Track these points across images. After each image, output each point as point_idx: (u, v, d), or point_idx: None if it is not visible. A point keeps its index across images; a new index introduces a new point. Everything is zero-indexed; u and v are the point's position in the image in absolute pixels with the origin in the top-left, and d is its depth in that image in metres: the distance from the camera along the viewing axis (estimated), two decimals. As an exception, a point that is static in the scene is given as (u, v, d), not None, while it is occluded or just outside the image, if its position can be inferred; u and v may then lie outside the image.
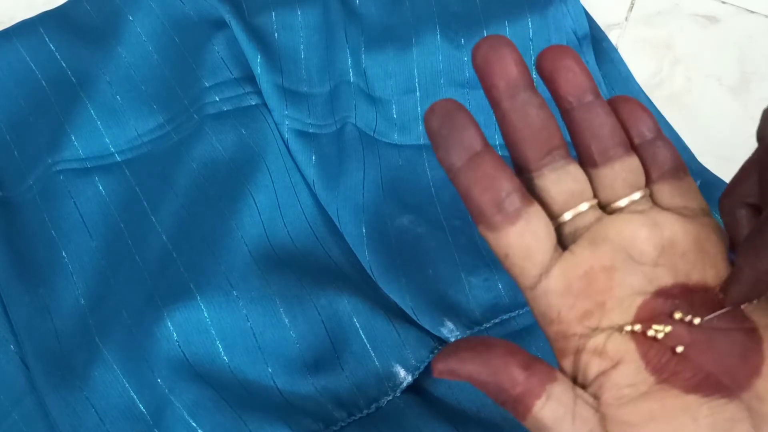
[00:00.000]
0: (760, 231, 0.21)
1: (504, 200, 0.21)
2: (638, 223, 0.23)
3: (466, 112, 0.22)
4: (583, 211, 0.23)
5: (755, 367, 0.22)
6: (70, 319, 0.40)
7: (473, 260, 0.42)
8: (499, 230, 0.22)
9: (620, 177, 0.23)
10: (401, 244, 0.42)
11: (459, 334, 0.39)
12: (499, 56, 0.22)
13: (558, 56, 0.23)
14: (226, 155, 0.44)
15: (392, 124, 0.47)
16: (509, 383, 0.21)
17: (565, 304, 0.22)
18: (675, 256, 0.23)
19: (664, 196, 0.24)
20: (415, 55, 0.47)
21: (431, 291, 0.40)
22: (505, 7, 0.49)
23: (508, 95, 0.22)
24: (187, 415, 0.36)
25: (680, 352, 0.22)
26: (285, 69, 0.47)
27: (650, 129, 0.24)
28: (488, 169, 0.22)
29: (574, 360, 0.22)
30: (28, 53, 0.48)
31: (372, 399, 0.38)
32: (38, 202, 0.44)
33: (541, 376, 0.21)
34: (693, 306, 0.23)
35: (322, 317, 0.39)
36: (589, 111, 0.23)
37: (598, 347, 0.22)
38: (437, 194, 0.45)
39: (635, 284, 0.23)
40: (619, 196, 0.23)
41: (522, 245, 0.22)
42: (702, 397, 0.21)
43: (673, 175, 0.24)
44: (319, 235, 0.43)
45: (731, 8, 0.52)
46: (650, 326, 0.22)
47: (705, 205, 0.24)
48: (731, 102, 0.50)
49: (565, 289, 0.22)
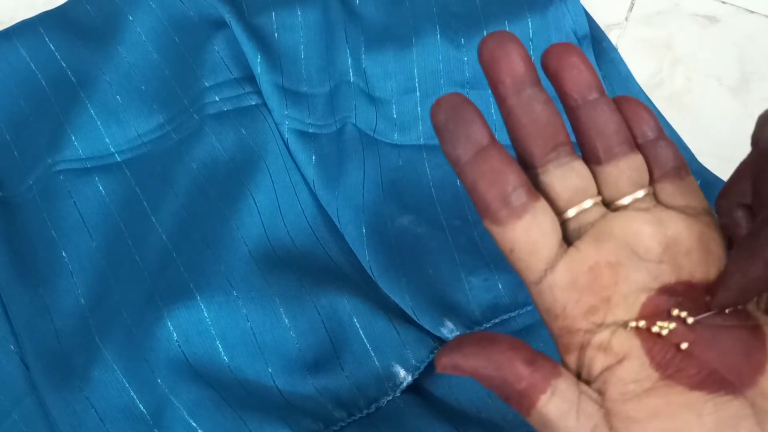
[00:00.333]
0: (752, 236, 0.21)
1: (510, 194, 0.22)
2: (642, 220, 0.23)
3: (472, 106, 0.22)
4: (588, 208, 0.23)
5: (759, 364, 0.22)
6: (70, 319, 0.40)
7: (473, 260, 0.42)
8: (505, 225, 0.22)
9: (625, 174, 0.23)
10: (401, 244, 0.42)
11: (459, 334, 0.39)
12: (506, 52, 0.22)
13: (563, 54, 0.23)
14: (226, 155, 0.44)
15: (392, 124, 0.47)
16: (514, 378, 0.21)
17: (570, 299, 0.22)
18: (679, 253, 0.23)
19: (666, 195, 0.24)
20: (415, 55, 0.47)
21: (431, 291, 0.40)
22: (504, 7, 0.49)
23: (513, 91, 0.22)
24: (187, 415, 0.36)
25: (684, 348, 0.22)
26: (285, 69, 0.47)
27: (652, 129, 0.24)
28: (495, 163, 0.22)
29: (579, 356, 0.22)
30: (28, 53, 0.48)
31: (372, 399, 0.38)
32: (38, 202, 0.44)
33: (545, 372, 0.21)
34: (696, 303, 0.23)
35: (322, 317, 0.39)
36: (594, 108, 0.23)
37: (603, 343, 0.22)
38: (437, 194, 0.45)
39: (640, 280, 0.23)
40: (623, 194, 0.23)
41: (528, 240, 0.22)
42: (706, 393, 0.21)
43: (675, 175, 0.24)
44: (319, 235, 0.43)
45: (731, 8, 0.52)
46: (655, 322, 0.22)
47: (707, 205, 0.24)
48: (731, 102, 0.50)
49: (570, 284, 0.22)
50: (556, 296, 0.22)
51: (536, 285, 0.22)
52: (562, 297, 0.22)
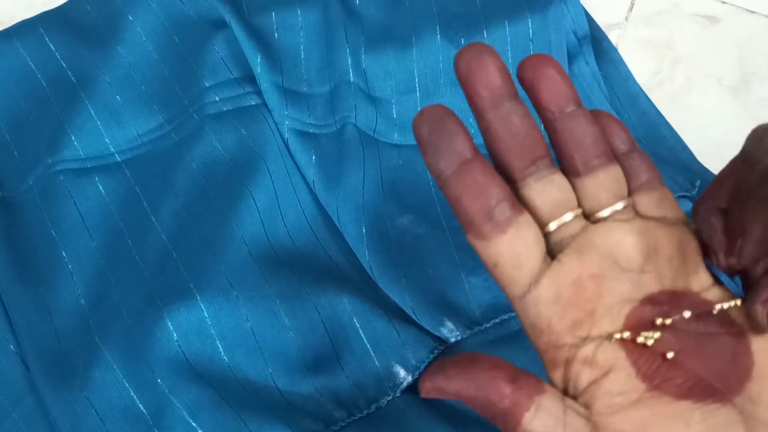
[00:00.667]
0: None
1: (494, 208, 0.21)
2: (623, 231, 0.23)
3: (455, 118, 0.22)
4: (569, 221, 0.23)
5: (746, 370, 0.21)
6: (70, 319, 0.40)
7: (473, 260, 0.42)
8: (489, 239, 0.21)
9: (604, 186, 0.23)
10: (401, 244, 0.42)
11: (459, 334, 0.39)
12: (482, 64, 0.22)
13: (539, 65, 0.22)
14: (226, 155, 0.44)
15: (392, 124, 0.47)
16: (496, 397, 0.21)
17: (555, 313, 0.22)
18: (660, 262, 0.23)
19: (643, 206, 0.24)
20: (415, 55, 0.47)
21: (431, 291, 0.40)
22: (505, 7, 0.49)
23: (491, 105, 0.22)
24: (187, 415, 0.36)
25: (670, 358, 0.22)
26: (285, 69, 0.47)
27: (624, 141, 0.24)
28: (478, 177, 0.21)
29: (565, 371, 0.22)
30: (28, 53, 0.48)
31: (372, 399, 0.38)
32: (38, 202, 0.44)
33: (528, 389, 0.21)
34: (680, 312, 0.23)
35: (322, 317, 0.39)
36: (571, 121, 0.23)
37: (588, 356, 0.22)
38: (437, 194, 0.45)
39: (624, 292, 0.23)
40: (603, 206, 0.23)
41: (512, 254, 0.22)
42: (694, 402, 0.21)
43: (650, 186, 0.24)
44: (319, 235, 0.43)
45: (731, 8, 0.52)
46: (639, 333, 0.22)
47: (683, 214, 0.24)
48: (731, 102, 0.50)
49: (555, 297, 0.22)
50: (541, 311, 0.22)
51: (520, 300, 0.22)
52: (547, 312, 0.22)
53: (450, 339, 0.39)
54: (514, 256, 0.22)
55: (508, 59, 0.47)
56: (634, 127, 0.48)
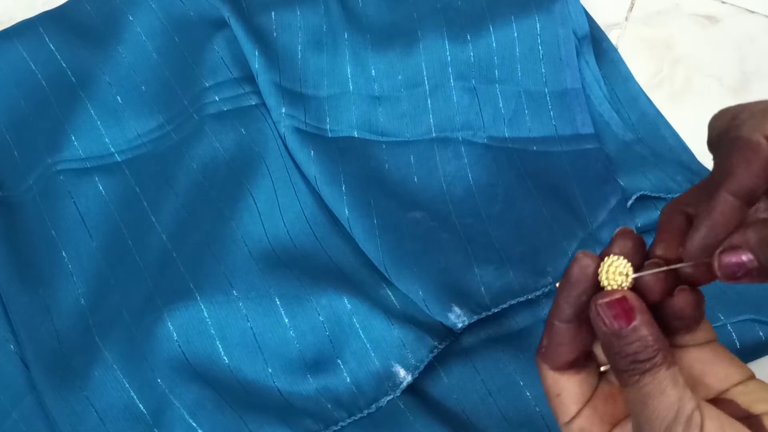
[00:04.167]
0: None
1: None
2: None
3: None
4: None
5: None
6: (70, 319, 0.40)
7: (486, 253, 0.41)
8: (563, 372, 0.25)
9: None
10: (414, 234, 0.42)
11: (465, 319, 0.39)
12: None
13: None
14: (226, 155, 0.44)
15: (402, 120, 0.47)
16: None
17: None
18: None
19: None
20: (421, 49, 0.47)
21: (442, 279, 0.40)
22: (510, 2, 0.49)
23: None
24: (187, 415, 0.36)
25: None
26: (282, 68, 0.47)
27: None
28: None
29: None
30: (28, 53, 0.48)
31: (372, 399, 0.38)
32: (38, 202, 0.44)
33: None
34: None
35: (322, 317, 0.39)
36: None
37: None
38: (449, 190, 0.45)
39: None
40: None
41: (580, 392, 0.25)
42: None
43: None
44: (319, 235, 0.43)
45: (731, 8, 0.52)
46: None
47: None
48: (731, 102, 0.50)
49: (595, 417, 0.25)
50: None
51: (567, 426, 0.25)
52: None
53: (457, 324, 0.38)
54: (581, 393, 0.25)
55: (516, 54, 0.47)
56: (634, 127, 0.48)
